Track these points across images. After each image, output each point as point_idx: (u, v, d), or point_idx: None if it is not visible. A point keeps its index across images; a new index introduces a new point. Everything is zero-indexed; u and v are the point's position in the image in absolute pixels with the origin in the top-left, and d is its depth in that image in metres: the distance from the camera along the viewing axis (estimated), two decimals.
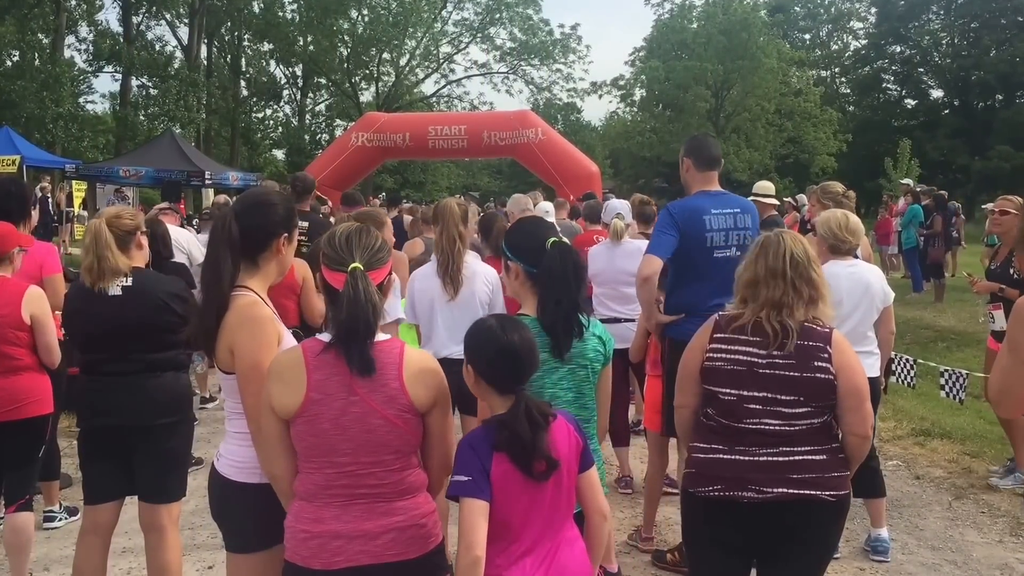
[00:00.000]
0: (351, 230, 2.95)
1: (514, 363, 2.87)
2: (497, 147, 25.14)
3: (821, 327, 3.41)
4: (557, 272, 3.36)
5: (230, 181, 24.51)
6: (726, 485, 3.33)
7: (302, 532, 2.83)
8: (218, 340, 3.15)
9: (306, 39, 51.42)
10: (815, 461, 3.33)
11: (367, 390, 2.79)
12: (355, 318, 2.74)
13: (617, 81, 59.45)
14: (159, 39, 49.78)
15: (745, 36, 50.49)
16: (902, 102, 64.10)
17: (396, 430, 2.82)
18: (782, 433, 3.33)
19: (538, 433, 2.78)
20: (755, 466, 3.32)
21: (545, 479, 2.82)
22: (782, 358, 3.34)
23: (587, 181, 22.64)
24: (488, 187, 59.28)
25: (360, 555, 2.80)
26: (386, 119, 26.16)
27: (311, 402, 2.78)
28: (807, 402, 3.33)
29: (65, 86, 36.84)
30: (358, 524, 2.81)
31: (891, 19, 60.84)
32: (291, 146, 55.46)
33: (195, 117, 43.67)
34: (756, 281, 3.46)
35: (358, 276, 2.80)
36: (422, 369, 2.90)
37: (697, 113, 52.36)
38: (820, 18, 66.53)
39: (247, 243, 3.23)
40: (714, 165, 5.34)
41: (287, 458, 2.90)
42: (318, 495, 2.84)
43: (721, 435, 3.41)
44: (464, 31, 54.38)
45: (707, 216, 5.09)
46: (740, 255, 4.25)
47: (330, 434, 2.78)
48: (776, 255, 3.44)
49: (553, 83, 55.66)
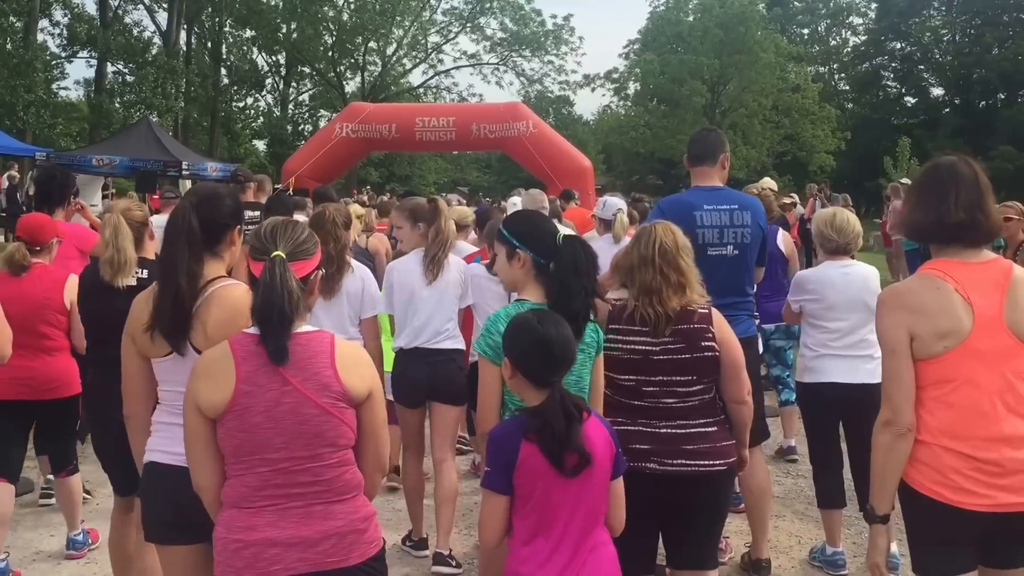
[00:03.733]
0: (278, 222, 2.96)
1: (549, 356, 2.98)
2: (486, 140, 24.63)
3: (699, 308, 3.74)
4: (581, 264, 3.49)
5: (208, 172, 23.48)
6: (631, 457, 3.43)
7: (235, 542, 2.73)
8: (213, 325, 3.15)
9: (290, 26, 50.66)
10: (708, 433, 3.71)
11: (299, 379, 2.75)
12: (270, 304, 2.72)
13: (611, 74, 59.03)
14: (137, 24, 48.36)
15: (742, 30, 49.92)
16: (902, 100, 63.49)
17: (331, 420, 2.77)
18: (678, 408, 3.69)
19: (572, 425, 2.88)
20: (656, 438, 3.66)
21: (575, 475, 2.88)
22: (673, 343, 3.67)
23: (579, 176, 22.21)
24: (477, 182, 58.78)
25: (298, 563, 2.73)
26: (372, 110, 25.49)
27: (241, 394, 2.72)
28: (699, 380, 3.71)
29: (38, 72, 35.64)
30: (295, 530, 2.74)
31: (891, 15, 60.32)
32: (273, 136, 54.61)
33: (173, 105, 42.56)
34: (631, 268, 3.76)
35: (276, 263, 2.77)
36: (356, 359, 2.90)
37: (692, 108, 51.68)
38: (819, 13, 66.00)
39: (207, 235, 3.29)
40: (706, 159, 5.17)
41: (214, 463, 2.82)
42: (250, 498, 2.75)
43: (624, 411, 3.70)
44: (453, 20, 53.90)
45: (698, 212, 4.93)
46: (739, 254, 4.88)
47: (262, 427, 2.72)
48: (647, 244, 3.76)
49: (545, 75, 55.57)
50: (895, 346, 3.14)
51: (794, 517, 6.54)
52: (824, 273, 5.47)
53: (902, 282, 3.41)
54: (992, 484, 3.05)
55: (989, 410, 3.07)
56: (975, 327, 3.07)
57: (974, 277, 3.13)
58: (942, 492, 3.09)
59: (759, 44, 49.99)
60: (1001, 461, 3.05)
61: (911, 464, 3.16)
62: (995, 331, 3.08)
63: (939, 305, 3.08)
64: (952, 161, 3.24)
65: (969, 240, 3.16)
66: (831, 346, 5.36)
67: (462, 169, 62.73)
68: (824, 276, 5.46)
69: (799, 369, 5.59)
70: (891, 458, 3.16)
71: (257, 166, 46.50)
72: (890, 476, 3.19)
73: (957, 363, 3.09)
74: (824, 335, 5.40)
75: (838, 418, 5.47)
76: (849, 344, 5.33)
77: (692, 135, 5.50)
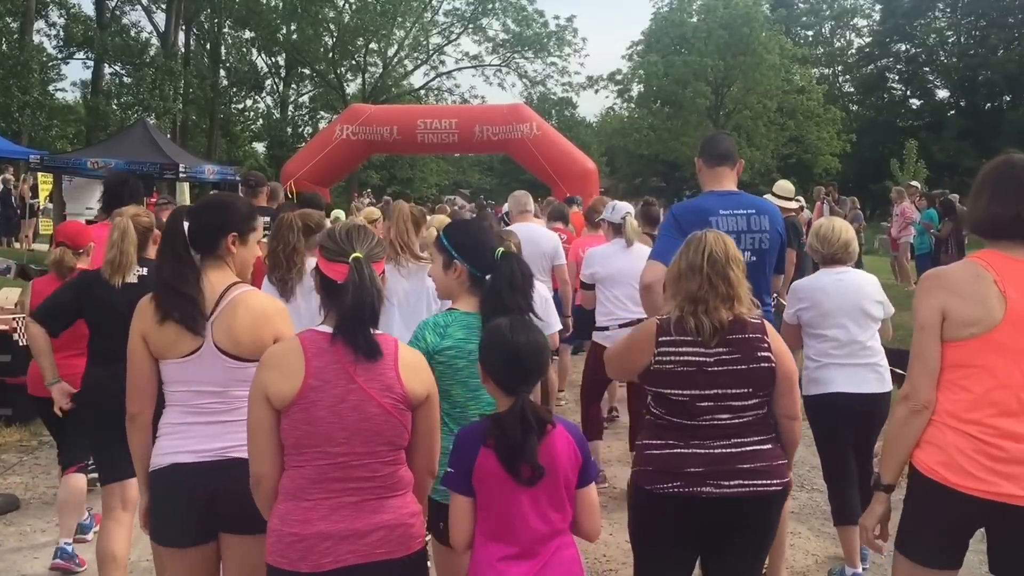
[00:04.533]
0: (350, 226, 3.12)
1: (516, 364, 3.00)
2: (489, 142, 24.32)
3: (752, 318, 3.59)
4: (517, 283, 3.53)
5: (206, 175, 22.93)
6: (685, 481, 3.43)
7: (290, 535, 2.86)
8: (240, 327, 3.38)
9: (289, 27, 50.11)
10: (763, 451, 3.53)
11: (365, 378, 2.88)
12: (361, 303, 2.86)
13: (614, 76, 58.36)
14: (135, 24, 47.99)
15: (746, 31, 49.33)
16: (907, 102, 62.82)
17: (391, 420, 2.91)
18: (733, 425, 3.50)
19: (528, 436, 2.89)
20: (710, 459, 3.46)
21: (531, 484, 2.90)
22: (728, 354, 3.50)
23: (583, 179, 22.02)
24: (479, 184, 58.42)
25: (348, 555, 2.86)
26: (372, 111, 25.13)
27: (309, 388, 2.85)
28: (755, 392, 3.52)
29: (34, 73, 35.12)
30: (348, 524, 2.87)
31: (896, 16, 59.71)
32: (272, 139, 54.13)
33: (171, 107, 42.16)
34: (679, 276, 3.62)
35: (362, 264, 2.91)
36: (416, 363, 3.04)
37: (696, 110, 51.29)
38: (823, 15, 65.50)
39: (202, 240, 3.49)
40: (723, 161, 5.02)
41: (276, 454, 2.92)
42: (308, 490, 2.88)
43: (675, 431, 3.54)
44: (455, 21, 53.52)
45: (714, 217, 4.76)
46: (757, 260, 4.68)
47: (326, 421, 2.84)
48: (696, 251, 3.60)
49: (547, 77, 55.23)
50: (925, 323, 3.20)
51: (810, 534, 6.33)
52: (817, 280, 5.48)
53: (946, 266, 3.40)
54: (994, 470, 3.07)
55: (1003, 402, 3.11)
56: (1004, 320, 3.10)
57: (1018, 273, 3.14)
58: (943, 474, 3.13)
59: (763, 46, 49.45)
60: (1007, 448, 3.07)
61: (919, 445, 3.23)
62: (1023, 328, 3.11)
63: (975, 291, 3.13)
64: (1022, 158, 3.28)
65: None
66: (833, 355, 5.27)
67: (464, 172, 62.48)
68: (816, 283, 5.44)
69: (804, 382, 5.31)
70: (904, 432, 3.26)
71: (256, 169, 45.35)
72: (900, 449, 3.29)
73: (978, 351, 3.13)
74: (824, 344, 5.31)
75: (848, 429, 5.34)
76: (851, 352, 5.25)
77: (707, 137, 5.39)
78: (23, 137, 33.81)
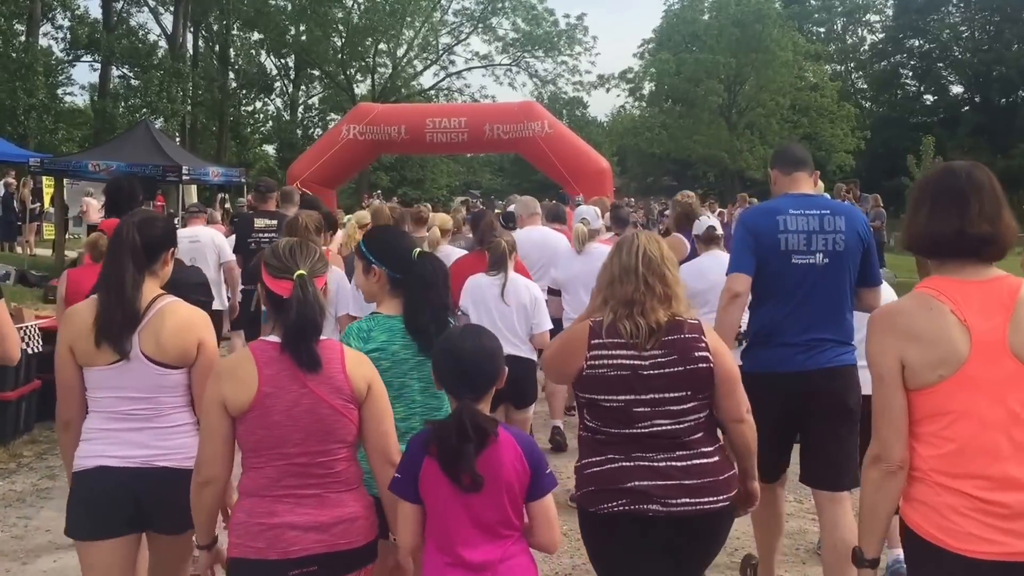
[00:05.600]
0: (294, 243, 3.24)
1: (457, 370, 3.02)
2: (500, 141, 23.60)
3: (689, 319, 3.50)
4: (431, 280, 3.73)
5: (210, 177, 22.22)
6: (631, 498, 3.32)
7: (257, 524, 3.01)
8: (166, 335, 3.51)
9: (298, 28, 49.83)
10: (709, 465, 3.41)
11: (316, 383, 3.05)
12: (304, 319, 3.01)
13: (625, 74, 58.00)
14: (142, 26, 47.77)
15: (759, 28, 49.02)
16: (921, 98, 62.63)
17: (341, 419, 3.08)
18: (674, 432, 3.39)
19: (465, 445, 2.87)
20: (655, 473, 3.35)
21: (473, 491, 2.90)
22: (664, 356, 3.39)
23: (597, 178, 21.42)
24: (490, 185, 58.09)
25: (316, 544, 3.02)
26: (380, 110, 24.55)
27: (264, 395, 3.01)
28: (694, 396, 3.41)
29: (38, 75, 34.66)
30: (312, 516, 3.04)
31: (909, 12, 59.54)
32: (282, 141, 53.62)
33: (179, 109, 41.67)
34: (613, 280, 3.54)
35: (306, 281, 3.06)
36: (359, 362, 3.22)
37: (709, 108, 51.10)
38: (835, 11, 65.19)
39: (148, 254, 3.62)
40: (799, 167, 4.86)
41: (228, 458, 3.10)
42: (269, 488, 3.04)
43: (614, 444, 3.42)
44: (465, 21, 52.94)
45: (782, 216, 4.61)
46: (830, 263, 4.48)
47: (282, 425, 3.02)
48: (630, 253, 3.53)
49: (558, 76, 54.39)
50: (883, 373, 2.86)
51: None
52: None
53: (894, 302, 3.10)
54: (1000, 528, 2.70)
55: (992, 447, 2.73)
56: (973, 353, 2.74)
57: (976, 297, 2.79)
58: (944, 539, 2.74)
59: (776, 42, 49.11)
60: (1009, 503, 2.70)
61: (908, 503, 2.88)
62: (997, 357, 2.74)
63: (931, 329, 2.78)
64: (969, 166, 2.91)
65: (987, 254, 2.84)
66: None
67: (475, 172, 62.23)
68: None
69: None
70: (880, 497, 2.90)
71: (267, 171, 46.14)
72: (879, 517, 2.94)
73: (952, 394, 2.77)
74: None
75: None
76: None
77: (779, 147, 5.37)
78: (30, 141, 33.27)
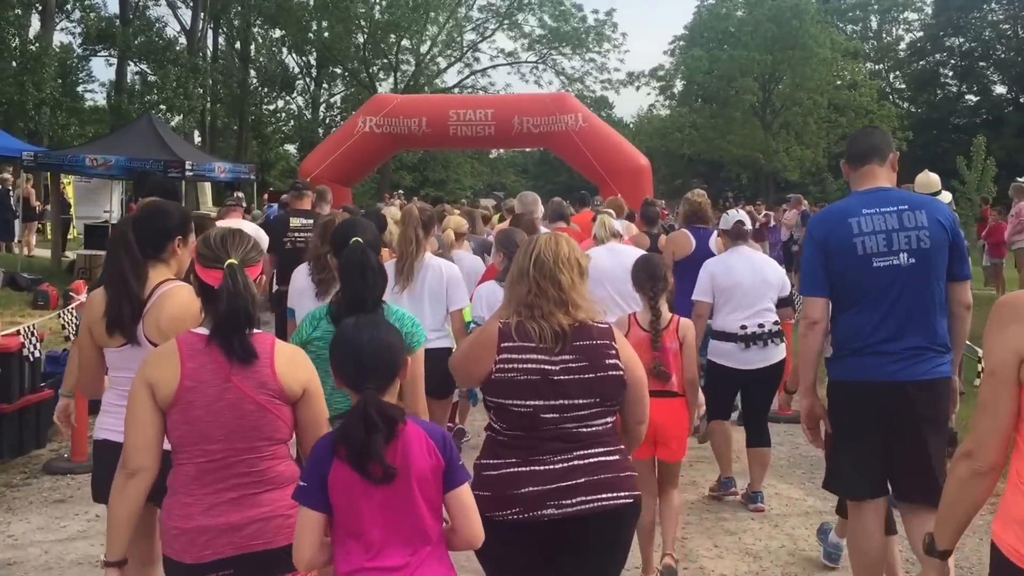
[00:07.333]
0: (225, 232, 3.19)
1: (353, 360, 2.93)
2: (530, 135, 21.72)
3: (598, 323, 3.48)
4: (354, 268, 3.73)
5: (216, 172, 21.03)
6: (524, 506, 3.31)
7: (172, 529, 3.06)
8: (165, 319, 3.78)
9: (320, 24, 48.94)
10: (609, 462, 3.40)
11: (240, 377, 3.02)
12: (236, 309, 3.00)
13: (656, 72, 57.08)
14: (159, 20, 46.76)
15: (796, 24, 47.82)
16: (962, 98, 60.95)
17: (267, 415, 3.05)
18: (577, 436, 3.37)
19: (372, 435, 2.77)
20: (550, 476, 3.33)
21: (385, 483, 2.80)
22: (575, 362, 3.38)
23: (635, 176, 20.05)
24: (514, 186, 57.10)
25: (226, 547, 3.03)
26: (398, 101, 22.79)
27: (185, 389, 3.00)
28: (602, 403, 3.41)
29: (46, 68, 33.37)
30: (225, 518, 3.03)
31: (949, 9, 57.98)
32: (303, 140, 52.73)
33: (196, 105, 40.67)
34: (513, 281, 3.55)
35: (236, 270, 3.04)
36: (293, 357, 3.18)
37: (742, 107, 49.98)
38: (870, 8, 63.87)
39: (149, 245, 3.92)
40: (868, 158, 4.55)
41: (155, 448, 3.04)
42: (189, 486, 3.05)
43: (515, 448, 3.40)
44: (490, 17, 52.49)
45: (854, 219, 4.35)
46: (917, 263, 4.28)
47: (203, 421, 3.00)
48: (525, 254, 3.53)
49: (586, 73, 53.51)
50: (996, 367, 2.51)
51: None
52: None
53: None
54: None
55: None
56: None
57: None
58: None
59: (814, 39, 47.93)
60: None
61: (999, 518, 2.56)
62: None
63: None
64: None
65: None
66: None
67: (499, 173, 61.60)
68: None
69: None
70: (963, 495, 2.63)
71: (288, 171, 46.20)
72: (957, 514, 2.68)
73: None
74: None
75: None
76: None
77: (852, 134, 5.02)
78: (42, 137, 32.42)
